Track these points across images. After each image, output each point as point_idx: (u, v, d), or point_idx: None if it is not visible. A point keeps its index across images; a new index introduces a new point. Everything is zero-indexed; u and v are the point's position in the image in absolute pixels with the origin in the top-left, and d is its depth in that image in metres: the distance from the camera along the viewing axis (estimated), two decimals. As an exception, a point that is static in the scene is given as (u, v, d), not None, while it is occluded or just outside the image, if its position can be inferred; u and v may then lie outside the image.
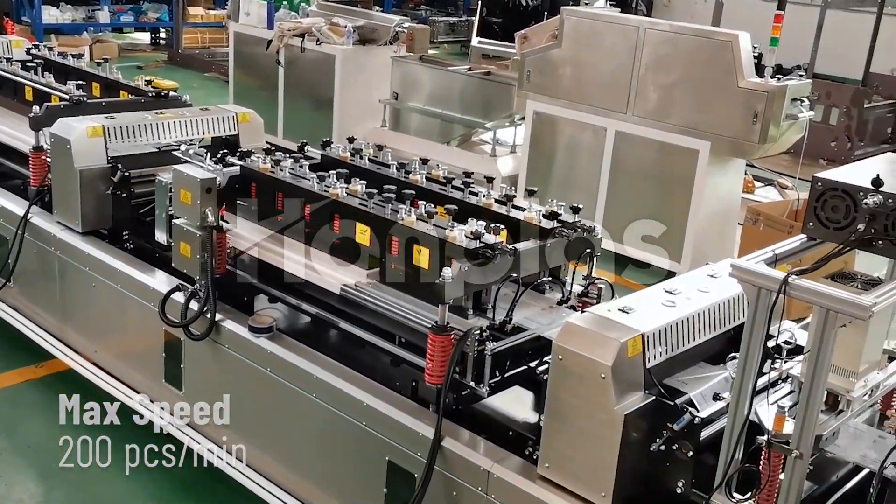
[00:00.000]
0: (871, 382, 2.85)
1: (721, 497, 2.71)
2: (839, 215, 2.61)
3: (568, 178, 7.87)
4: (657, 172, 7.30)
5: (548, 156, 7.98)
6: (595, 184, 7.64)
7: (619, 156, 7.48)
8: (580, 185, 7.72)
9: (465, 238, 3.50)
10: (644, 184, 7.39)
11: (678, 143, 7.11)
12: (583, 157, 7.75)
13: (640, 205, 7.43)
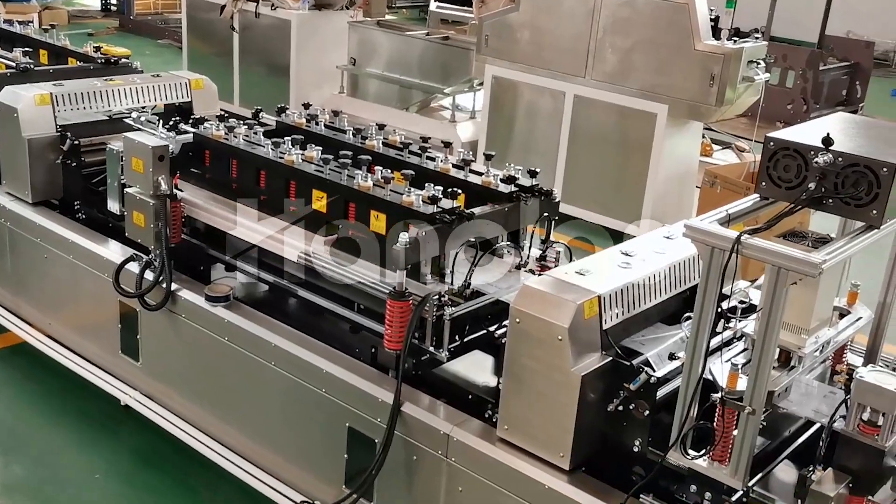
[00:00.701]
0: (822, 339, 2.90)
1: (676, 454, 2.75)
2: (791, 174, 2.63)
3: (528, 143, 7.87)
4: (616, 136, 7.33)
5: (507, 121, 7.96)
6: (554, 148, 7.65)
7: (577, 120, 7.49)
8: (540, 149, 7.73)
9: (422, 203, 3.49)
10: (603, 147, 7.42)
11: (636, 107, 7.13)
12: (542, 122, 7.75)
13: (599, 168, 7.47)
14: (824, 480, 2.42)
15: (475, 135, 8.30)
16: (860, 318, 3.15)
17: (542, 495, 3.01)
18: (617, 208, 7.33)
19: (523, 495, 3.05)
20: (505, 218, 3.74)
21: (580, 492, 2.95)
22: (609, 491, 2.96)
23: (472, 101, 8.65)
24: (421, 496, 3.37)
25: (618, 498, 2.92)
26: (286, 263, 3.89)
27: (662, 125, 6.99)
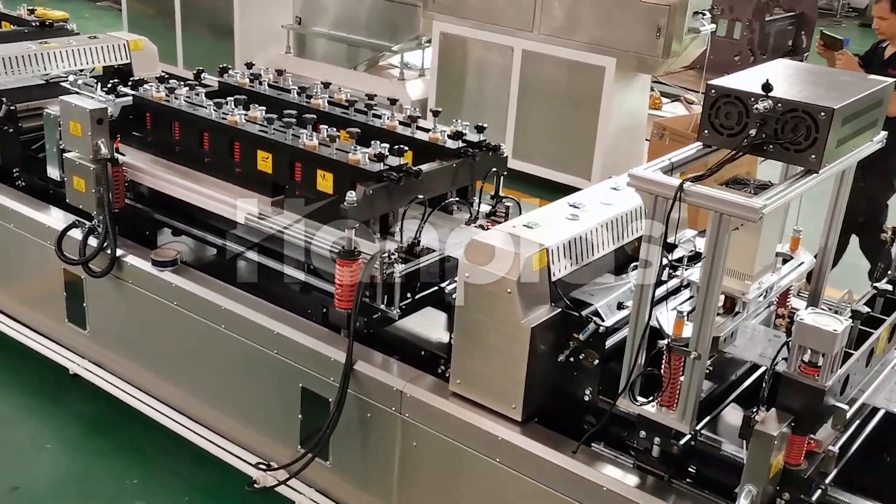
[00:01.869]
0: (765, 284, 2.95)
1: (625, 401, 2.79)
2: (732, 122, 2.64)
3: (478, 100, 7.83)
4: (565, 90, 7.32)
5: (457, 78, 7.91)
6: (504, 104, 7.62)
7: (526, 75, 7.46)
8: (490, 105, 7.70)
9: (368, 161, 3.46)
10: (553, 102, 7.41)
11: (584, 61, 7.13)
12: (491, 78, 7.71)
13: (550, 123, 7.47)
14: (767, 421, 2.47)
15: (425, 93, 8.24)
16: (802, 264, 3.20)
17: (495, 447, 3.04)
18: (568, 163, 7.36)
19: (477, 448, 3.08)
20: (453, 174, 3.73)
21: (533, 442, 2.99)
22: (561, 440, 3.00)
23: (420, 59, 8.56)
24: (376, 453, 3.39)
25: (570, 446, 2.95)
26: (233, 226, 3.84)
27: (611, 79, 7.00)
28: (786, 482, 2.59)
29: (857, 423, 2.90)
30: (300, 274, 3.71)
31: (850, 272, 5.43)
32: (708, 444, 2.83)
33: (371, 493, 3.46)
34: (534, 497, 2.98)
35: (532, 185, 7.18)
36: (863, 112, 2.75)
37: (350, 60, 9.06)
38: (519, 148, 7.55)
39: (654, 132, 7.01)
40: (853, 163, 2.99)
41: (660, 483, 2.83)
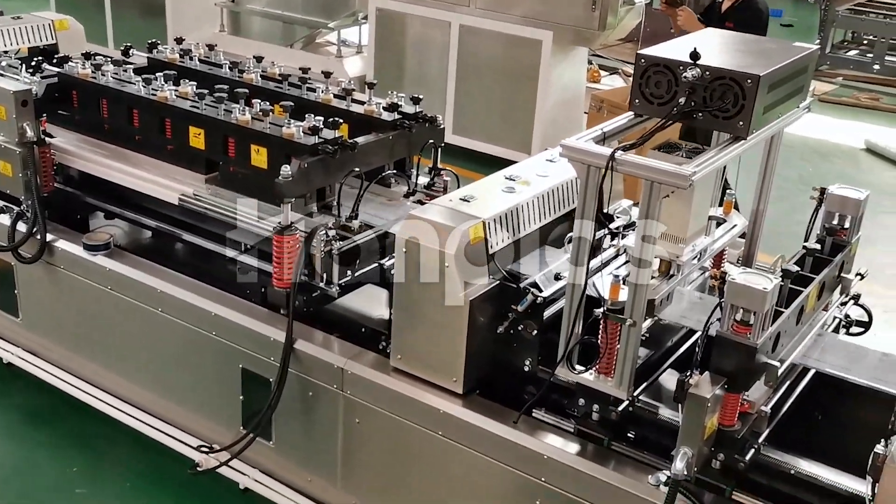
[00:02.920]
0: (698, 247, 2.99)
1: (564, 370, 2.81)
2: (662, 90, 2.66)
3: (417, 76, 7.78)
4: (503, 65, 7.31)
5: (395, 54, 7.84)
6: (443, 80, 7.59)
7: (464, 50, 7.43)
8: (429, 81, 7.65)
9: (302, 134, 3.41)
10: (491, 77, 7.40)
11: (521, 35, 7.12)
12: (430, 54, 7.66)
13: (489, 98, 7.46)
14: (701, 383, 2.51)
15: (363, 70, 8.16)
16: (735, 227, 3.25)
17: (437, 420, 3.05)
18: (508, 137, 7.37)
19: (419, 422, 3.09)
20: (390, 147, 3.71)
21: (474, 414, 3.00)
22: (503, 411, 3.02)
23: (358, 36, 8.48)
24: (319, 431, 3.37)
25: (511, 417, 2.98)
26: (167, 207, 3.76)
27: (548, 52, 7.01)
28: (720, 443, 2.64)
29: (789, 383, 2.97)
30: (237, 253, 3.67)
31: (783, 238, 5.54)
32: (646, 409, 2.87)
33: (315, 471, 3.45)
34: (477, 468, 3.00)
35: (473, 160, 7.18)
36: (788, 79, 2.80)
37: (286, 38, 8.93)
38: (459, 123, 7.54)
39: (592, 105, 7.06)
40: (781, 128, 3.04)
41: (600, 449, 2.87)
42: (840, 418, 3.09)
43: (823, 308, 3.18)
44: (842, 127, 9.49)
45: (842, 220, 3.26)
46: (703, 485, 2.67)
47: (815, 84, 10.44)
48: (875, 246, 6.54)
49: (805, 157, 8.48)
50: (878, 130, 9.28)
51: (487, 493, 3.02)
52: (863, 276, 3.35)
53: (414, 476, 3.19)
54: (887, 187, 7.83)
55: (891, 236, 6.78)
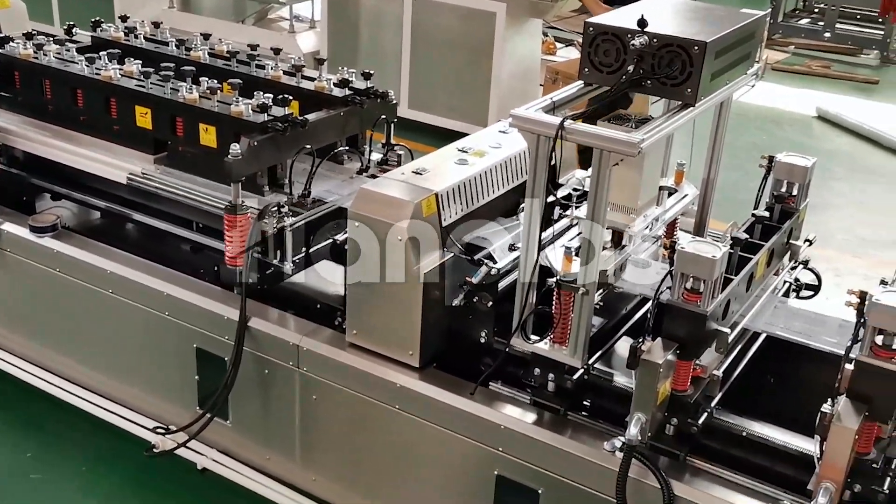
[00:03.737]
0: (650, 217, 3.01)
1: (519, 340, 2.82)
2: (611, 59, 2.66)
3: (371, 51, 7.70)
4: (458, 38, 7.26)
5: (348, 28, 7.76)
6: (398, 54, 7.53)
7: (418, 23, 7.37)
8: (384, 56, 7.59)
9: (252, 112, 3.37)
10: (446, 50, 7.35)
11: (475, 7, 7.07)
12: (384, 27, 7.59)
13: (444, 71, 7.42)
14: (653, 349, 2.54)
15: (317, 45, 8.07)
16: (686, 196, 3.28)
17: (395, 394, 3.04)
18: (464, 110, 7.34)
19: (376, 396, 3.08)
20: (342, 123, 3.68)
21: (431, 387, 3.00)
22: (459, 383, 3.02)
23: (311, 10, 8.37)
24: (276, 408, 3.36)
25: (468, 389, 2.98)
26: (115, 186, 3.70)
27: (502, 24, 6.97)
28: (673, 408, 2.67)
29: (741, 347, 3.02)
30: (189, 232, 3.62)
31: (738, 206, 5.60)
32: (600, 377, 2.90)
33: (274, 448, 3.44)
34: (436, 440, 3.01)
35: (429, 134, 7.14)
36: (735, 45, 2.81)
37: (237, 14, 8.80)
38: (415, 98, 7.49)
39: (547, 77, 7.05)
40: (730, 95, 3.06)
41: (556, 417, 2.89)
42: (791, 380, 3.16)
43: (774, 273, 3.22)
44: (794, 95, 9.60)
45: (790, 187, 3.30)
46: (658, 450, 2.70)
47: (768, 53, 10.56)
48: (827, 211, 6.66)
49: (759, 126, 8.57)
50: (830, 98, 9.41)
51: (446, 465, 3.04)
52: (811, 241, 3.40)
53: (373, 450, 3.19)
54: (838, 154, 7.95)
55: (843, 202, 6.89)
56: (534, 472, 2.83)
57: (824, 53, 11.21)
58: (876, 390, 2.31)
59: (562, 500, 2.81)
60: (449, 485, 3.06)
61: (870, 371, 2.30)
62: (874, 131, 8.23)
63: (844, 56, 11.20)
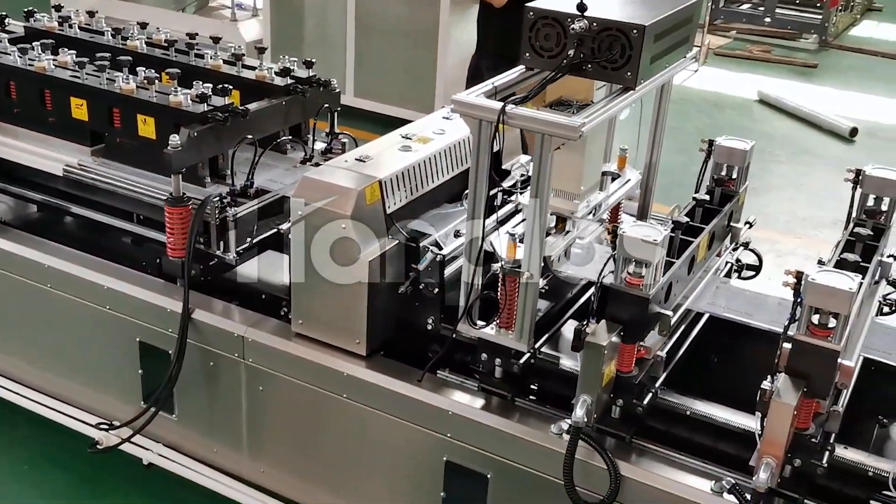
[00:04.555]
0: (593, 202, 3.03)
1: (465, 326, 2.82)
2: (551, 43, 2.66)
3: (315, 39, 7.64)
4: (402, 25, 7.23)
5: (292, 16, 7.67)
6: (342, 42, 7.47)
7: (362, 11, 7.32)
8: (328, 44, 7.53)
9: (191, 102, 3.31)
10: (390, 37, 7.32)
11: (419, -8, 7.05)
12: (327, 15, 7.53)
13: (389, 59, 7.38)
14: (597, 332, 2.56)
15: (260, 34, 7.97)
16: (629, 181, 3.31)
17: (342, 383, 3.03)
18: (410, 98, 7.31)
19: (324, 386, 3.07)
20: (284, 112, 3.63)
21: (378, 374, 3.00)
22: (407, 370, 3.02)
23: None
24: (223, 401, 3.32)
25: (416, 376, 2.98)
26: (52, 179, 3.62)
27: (446, 10, 6.95)
28: (619, 389, 2.69)
29: (685, 328, 3.06)
30: (130, 225, 3.56)
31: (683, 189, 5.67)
32: (547, 361, 2.91)
33: (221, 441, 3.40)
34: (384, 428, 3.00)
35: (376, 122, 7.10)
36: (674, 29, 2.83)
37: (177, 2, 8.64)
38: (360, 85, 7.45)
39: (492, 63, 7.03)
40: (669, 78, 3.09)
41: (504, 402, 2.90)
42: (733, 359, 3.21)
43: (716, 255, 3.27)
44: (736, 79, 9.75)
45: (729, 170, 3.35)
46: (605, 431, 2.73)
47: (710, 38, 10.71)
48: (769, 193, 6.78)
49: (702, 110, 8.69)
50: (770, 82, 9.57)
51: (395, 453, 3.03)
52: (751, 223, 3.45)
53: (321, 440, 3.18)
54: (779, 137, 8.10)
55: (784, 184, 7.02)
56: (482, 457, 2.84)
57: (765, 38, 11.40)
58: (813, 367, 2.35)
59: (510, 484, 2.83)
60: (398, 472, 3.06)
61: (806, 349, 2.35)
62: (813, 114, 8.41)
63: (784, 41, 11.40)
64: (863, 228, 2.97)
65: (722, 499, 2.52)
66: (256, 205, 3.38)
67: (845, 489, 2.54)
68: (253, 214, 3.38)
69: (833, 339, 2.34)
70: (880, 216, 3.12)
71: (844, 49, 11.26)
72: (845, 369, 2.42)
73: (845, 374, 2.43)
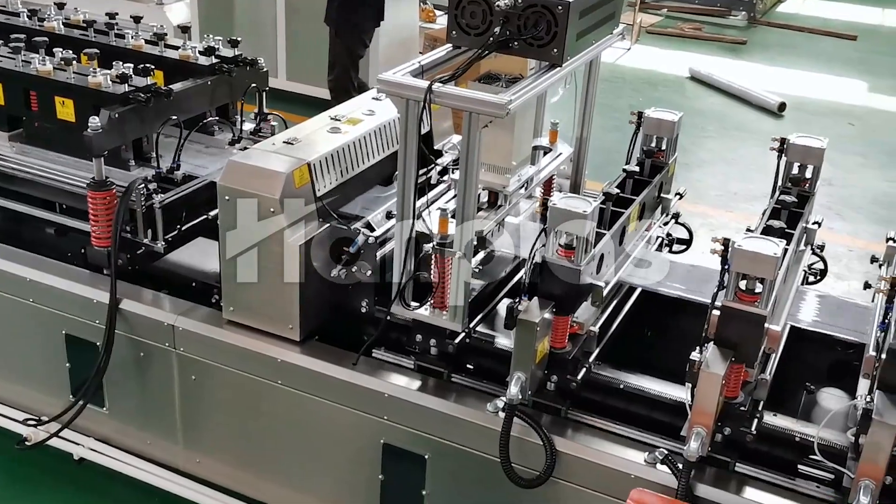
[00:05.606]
0: (524, 176, 3.03)
1: (399, 307, 2.80)
2: (477, 21, 2.64)
3: (245, 22, 7.49)
4: (333, 7, 7.11)
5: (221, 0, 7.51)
6: (273, 25, 7.35)
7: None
8: (259, 28, 7.39)
9: (111, 83, 3.22)
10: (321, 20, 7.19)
11: (350, -26, 6.93)
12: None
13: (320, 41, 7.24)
14: (529, 309, 2.56)
15: (188, 18, 7.77)
16: (561, 154, 3.32)
17: (276, 369, 2.99)
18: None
19: (257, 373, 3.02)
20: (209, 92, 3.56)
21: (313, 359, 2.96)
22: (342, 354, 2.99)
23: (180, -20, 8.05)
24: (154, 391, 3.25)
25: (351, 359, 2.95)
26: (-32, 169, 3.48)
27: (378, -9, 6.86)
28: (553, 365, 2.70)
29: (618, 302, 3.08)
30: (52, 214, 3.45)
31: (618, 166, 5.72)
32: (482, 340, 2.91)
33: (154, 433, 3.33)
34: (321, 413, 2.97)
35: (309, 105, 7.00)
36: (599, 5, 2.84)
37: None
38: (292, 68, 7.34)
39: (425, 44, 7.01)
40: (597, 55, 3.09)
41: (440, 383, 2.89)
42: (667, 332, 3.24)
43: (647, 228, 3.30)
44: (668, 57, 9.86)
45: (659, 142, 3.38)
46: (541, 407, 2.74)
47: (642, 16, 10.80)
48: (701, 168, 6.89)
49: (635, 88, 8.78)
50: (701, 59, 9.70)
51: (333, 437, 3.00)
52: (682, 195, 3.49)
53: (257, 427, 3.13)
54: (710, 113, 8.22)
55: (715, 159, 7.13)
56: (420, 438, 2.83)
57: (695, 16, 11.55)
58: (741, 335, 2.39)
59: (449, 463, 2.82)
60: (336, 456, 3.04)
61: (734, 315, 2.38)
62: (743, 90, 8.54)
63: (714, 18, 11.56)
64: (788, 196, 3.02)
65: (655, 469, 2.55)
66: (184, 191, 3.30)
67: (774, 455, 2.59)
68: (181, 201, 3.29)
69: (760, 304, 2.38)
70: (805, 183, 3.18)
71: (772, 25, 11.47)
72: (772, 334, 2.47)
73: (772, 339, 2.48)
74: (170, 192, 3.26)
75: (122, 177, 3.22)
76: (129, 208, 3.15)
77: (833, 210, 6.09)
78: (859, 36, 11.05)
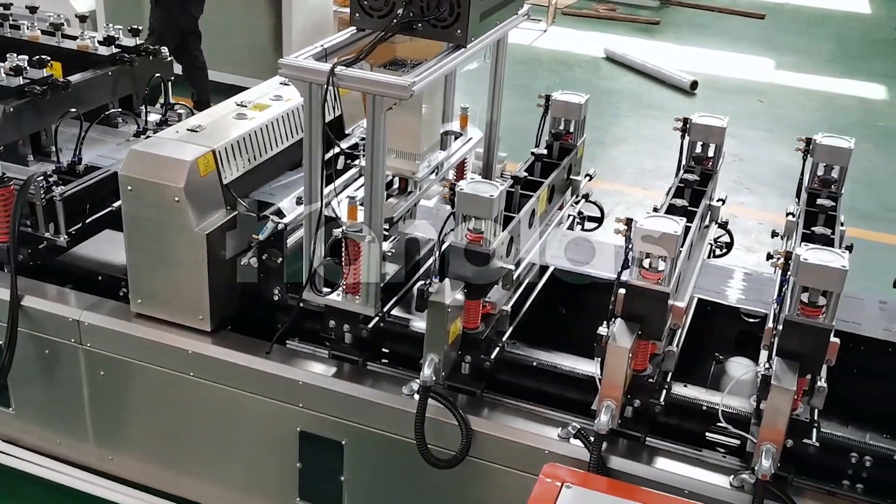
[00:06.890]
0: (434, 162, 3.03)
1: (310, 294, 2.78)
2: (380, 3, 2.62)
3: (154, 9, 7.28)
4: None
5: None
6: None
7: (201, -22, 7.02)
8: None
9: (4, 76, 3.11)
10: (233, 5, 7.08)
11: (260, -43, 6.84)
12: (165, -17, 7.18)
13: (234, 28, 7.16)
14: (440, 291, 2.57)
15: (93, 6, 7.53)
16: (471, 139, 3.32)
17: (187, 361, 2.94)
18: (258, 67, 7.07)
19: (168, 365, 2.97)
20: (111, 83, 3.46)
21: (225, 350, 2.92)
22: (255, 343, 2.96)
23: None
24: (62, 389, 3.17)
25: (264, 348, 2.92)
26: None
27: (290, -26, 6.79)
28: (466, 346, 2.72)
29: (530, 281, 3.11)
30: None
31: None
32: (396, 324, 2.90)
33: (64, 432, 3.25)
34: (235, 404, 2.93)
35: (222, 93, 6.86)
36: (503, -15, 2.84)
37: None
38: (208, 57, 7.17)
39: (339, 28, 6.93)
40: (503, 35, 3.10)
41: (356, 368, 2.88)
42: (580, 309, 3.28)
43: (558, 208, 3.34)
44: (583, 38, 9.97)
45: (567, 124, 3.41)
46: (456, 388, 2.75)
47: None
48: (617, 146, 6.99)
49: (551, 69, 8.85)
50: (616, 39, 9.83)
51: (248, 428, 2.97)
52: (591, 176, 3.54)
53: (171, 421, 3.08)
54: (625, 92, 8.35)
55: (630, 137, 7.25)
56: (336, 425, 2.82)
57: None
58: (646, 309, 2.44)
59: (366, 448, 2.82)
60: (253, 446, 3.01)
61: (638, 292, 2.42)
62: (656, 69, 8.69)
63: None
64: (691, 174, 3.08)
65: (569, 444, 2.59)
66: (85, 183, 3.21)
67: (683, 425, 2.65)
68: (83, 193, 3.20)
69: (663, 281, 2.43)
70: (707, 162, 3.25)
71: (684, 6, 11.68)
72: (677, 310, 2.53)
73: (677, 314, 2.53)
74: (71, 185, 3.17)
75: (21, 172, 3.11)
76: (29, 202, 3.06)
77: (743, 185, 6.26)
78: (766, 14, 11.35)
